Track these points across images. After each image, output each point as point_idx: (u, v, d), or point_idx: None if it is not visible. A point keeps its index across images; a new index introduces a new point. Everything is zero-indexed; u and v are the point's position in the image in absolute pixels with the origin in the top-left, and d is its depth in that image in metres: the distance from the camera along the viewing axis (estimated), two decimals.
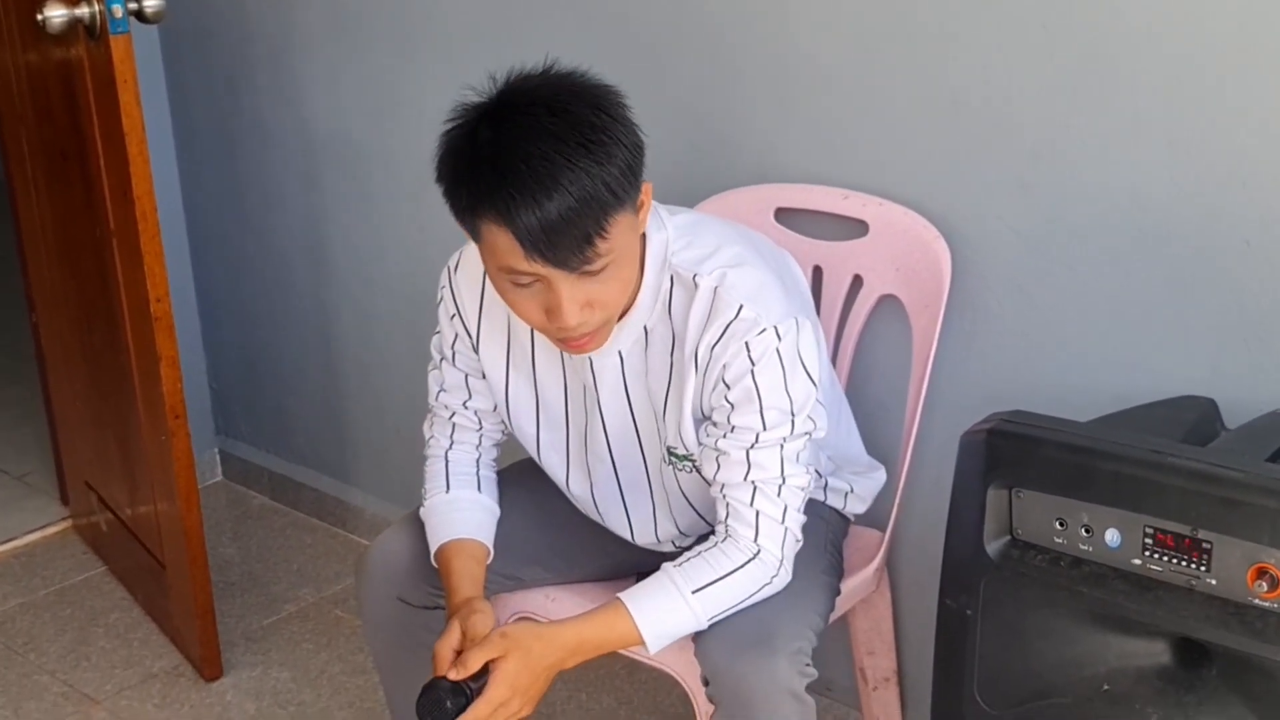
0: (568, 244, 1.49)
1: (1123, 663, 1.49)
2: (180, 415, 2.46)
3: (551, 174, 1.46)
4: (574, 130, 1.48)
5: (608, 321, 1.62)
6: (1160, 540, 1.45)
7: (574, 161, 1.47)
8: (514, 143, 1.48)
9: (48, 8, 2.24)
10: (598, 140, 1.48)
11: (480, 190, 1.50)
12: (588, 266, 1.52)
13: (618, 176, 1.49)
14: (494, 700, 1.58)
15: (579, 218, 1.48)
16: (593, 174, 1.47)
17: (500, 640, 1.61)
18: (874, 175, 2.03)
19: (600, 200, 1.48)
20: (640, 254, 1.65)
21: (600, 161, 1.48)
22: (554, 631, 1.64)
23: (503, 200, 1.48)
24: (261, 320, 3.15)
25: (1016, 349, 1.96)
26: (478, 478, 1.87)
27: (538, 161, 1.46)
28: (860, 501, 1.96)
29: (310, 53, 2.77)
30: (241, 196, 3.05)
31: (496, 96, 1.54)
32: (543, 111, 1.49)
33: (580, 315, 1.56)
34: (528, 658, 1.60)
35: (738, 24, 2.12)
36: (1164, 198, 1.79)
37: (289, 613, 2.85)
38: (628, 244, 1.55)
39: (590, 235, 1.49)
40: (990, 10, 1.87)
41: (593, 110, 1.50)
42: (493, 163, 1.49)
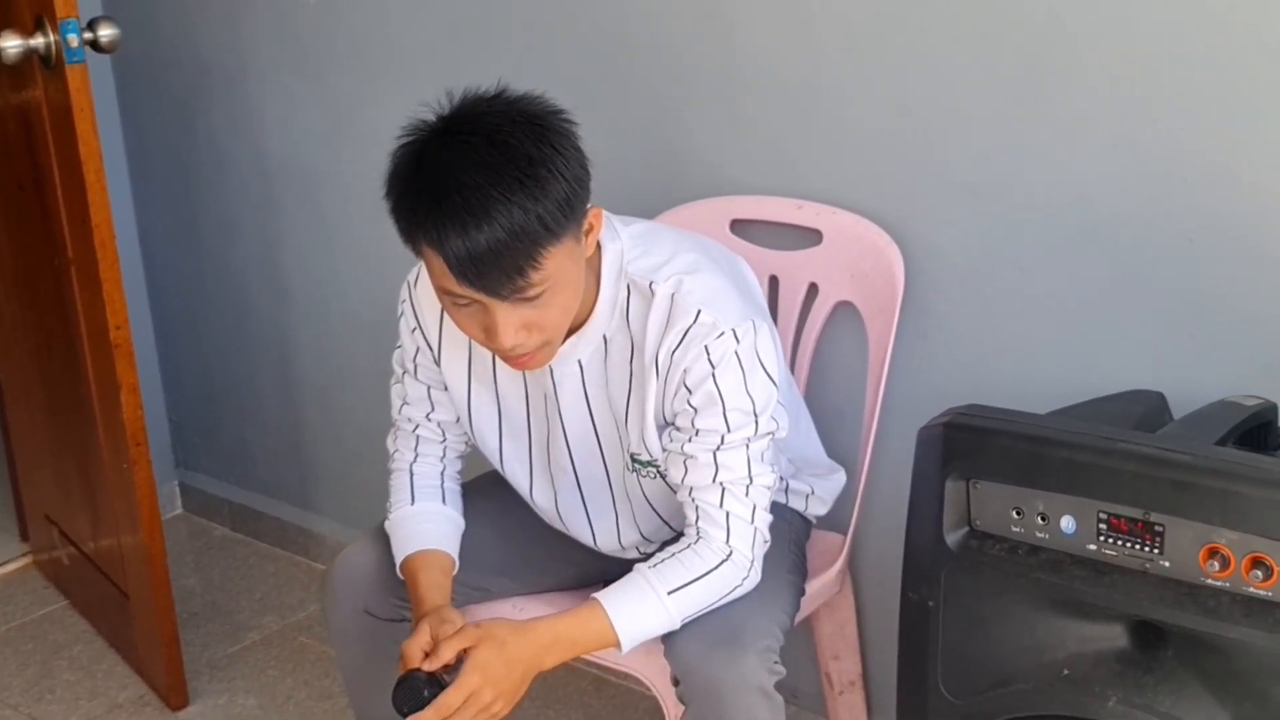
0: (497, 275, 1.53)
1: (1081, 647, 1.52)
2: (141, 443, 2.46)
3: (484, 206, 1.49)
4: (511, 163, 1.51)
5: (549, 342, 1.64)
6: (1114, 525, 1.48)
7: (508, 195, 1.49)
8: (451, 172, 1.51)
9: (2, 38, 2.24)
10: (534, 174, 1.51)
11: (416, 216, 1.54)
12: (520, 295, 1.55)
13: (553, 210, 1.52)
14: (466, 686, 1.59)
15: (509, 250, 1.51)
16: (526, 208, 1.50)
17: (474, 630, 1.63)
18: (826, 185, 2.07)
19: (531, 234, 1.51)
20: (595, 266, 1.67)
21: (535, 196, 1.50)
22: (529, 625, 1.66)
23: (435, 228, 1.52)
24: (219, 349, 3.15)
25: (969, 349, 2.00)
26: (442, 490, 1.89)
27: (470, 192, 1.49)
28: (821, 503, 1.99)
29: (265, 80, 2.79)
30: (197, 225, 3.05)
31: (443, 120, 1.57)
32: (482, 142, 1.52)
33: (516, 337, 1.60)
34: (501, 648, 1.61)
35: (688, 40, 2.16)
36: (1108, 198, 1.84)
37: (253, 640, 2.84)
38: (567, 271, 1.58)
39: (521, 267, 1.52)
40: (935, 19, 1.91)
41: (535, 142, 1.53)
42: (430, 190, 1.52)
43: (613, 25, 2.24)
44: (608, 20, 2.24)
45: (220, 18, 2.81)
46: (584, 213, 1.59)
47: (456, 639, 1.62)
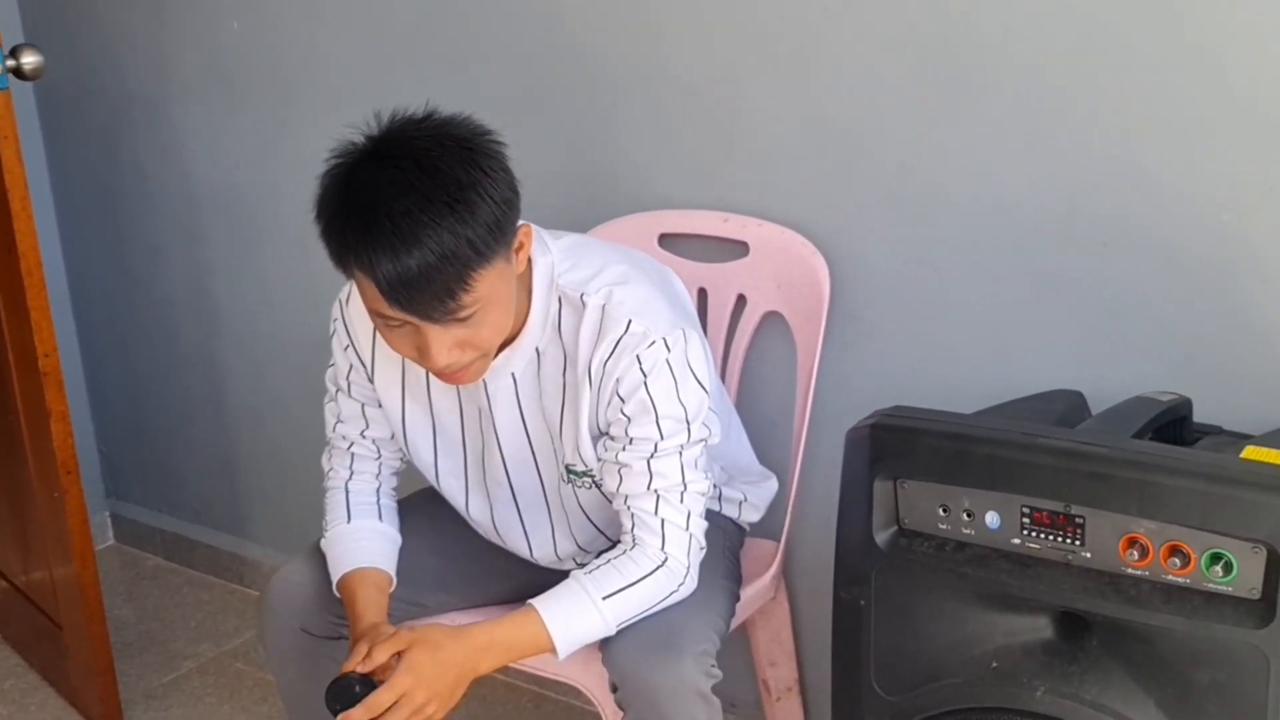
0: (429, 298, 1.55)
1: (1009, 639, 1.55)
2: (72, 471, 2.44)
3: (414, 231, 1.51)
4: (440, 188, 1.52)
5: (483, 357, 1.66)
6: (1037, 519, 1.52)
7: (437, 219, 1.51)
8: (380, 197, 1.52)
9: None
10: (464, 198, 1.53)
11: (347, 241, 1.55)
12: (452, 316, 1.57)
13: (482, 234, 1.54)
14: (398, 687, 1.60)
15: (439, 274, 1.53)
16: (456, 232, 1.52)
17: (408, 634, 1.64)
18: (752, 197, 2.11)
19: (461, 257, 1.53)
20: (527, 280, 1.70)
21: (464, 220, 1.52)
22: (463, 630, 1.67)
23: (366, 254, 1.53)
24: (149, 377, 3.13)
25: (895, 355, 2.04)
26: (378, 507, 1.90)
27: (400, 218, 1.51)
28: (754, 510, 2.01)
29: (190, 105, 2.78)
30: (124, 252, 3.04)
31: (372, 143, 1.58)
32: (411, 166, 1.53)
33: (450, 356, 1.62)
34: (436, 650, 1.62)
35: (616, 57, 2.19)
36: (1025, 203, 1.89)
37: (189, 669, 2.82)
38: (498, 290, 1.60)
39: (452, 290, 1.54)
40: (854, 32, 1.95)
41: (463, 166, 1.54)
42: (360, 215, 1.53)
43: (540, 44, 2.27)
44: (535, 40, 2.27)
45: (144, 44, 2.80)
46: (514, 232, 1.61)
47: (390, 642, 1.64)
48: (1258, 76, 1.68)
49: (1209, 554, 1.42)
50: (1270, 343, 1.74)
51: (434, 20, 2.38)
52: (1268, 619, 1.39)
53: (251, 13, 2.63)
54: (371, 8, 2.46)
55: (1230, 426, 1.74)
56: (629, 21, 2.16)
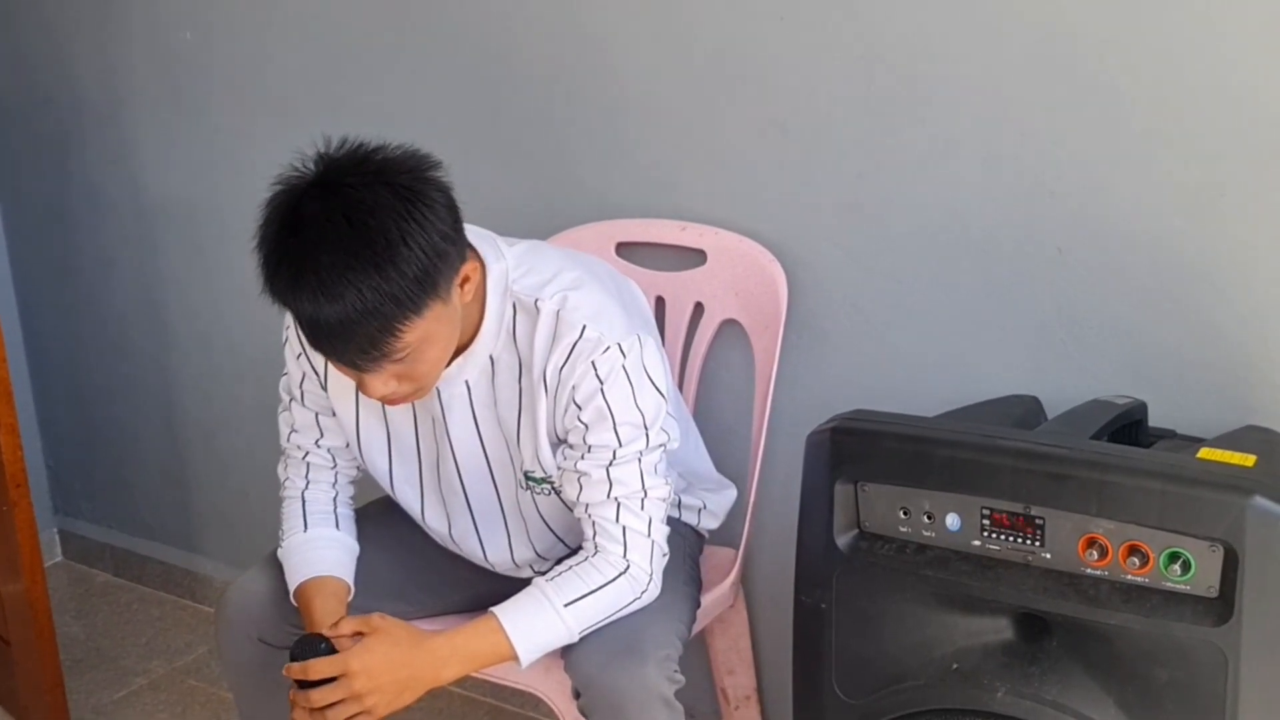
0: (351, 350, 1.56)
1: (970, 641, 1.56)
2: (22, 484, 2.40)
3: (337, 288, 1.51)
4: (367, 245, 1.51)
5: (422, 388, 1.66)
6: (996, 520, 1.53)
7: (360, 278, 1.51)
8: (309, 249, 1.52)
9: None
10: (391, 255, 1.52)
11: (276, 285, 1.56)
12: (379, 363, 1.57)
13: (408, 288, 1.53)
14: (341, 665, 1.62)
15: (360, 328, 1.53)
16: (379, 290, 1.51)
17: (376, 619, 1.66)
18: (709, 206, 2.11)
19: (384, 312, 1.53)
20: (481, 288, 1.69)
21: (388, 276, 1.52)
22: (426, 636, 1.66)
23: (292, 303, 1.55)
24: (99, 391, 3.09)
25: (853, 363, 2.05)
26: (335, 515, 1.88)
27: (326, 272, 1.51)
28: (713, 518, 2.01)
29: (141, 115, 2.76)
30: (74, 265, 3.01)
31: (314, 176, 1.57)
32: (341, 221, 1.52)
33: (386, 388, 1.62)
34: (394, 646, 1.63)
35: (570, 67, 2.19)
36: (980, 210, 1.90)
37: (140, 685, 2.78)
38: (433, 332, 1.59)
39: (376, 340, 1.55)
40: (810, 39, 1.97)
41: (396, 218, 1.53)
42: (289, 263, 1.54)
43: (494, 55, 2.27)
44: (489, 50, 2.27)
45: (94, 53, 2.78)
46: (452, 274, 1.60)
47: (359, 620, 1.65)
48: (1208, 84, 1.70)
49: (1167, 553, 1.44)
50: (1223, 347, 1.76)
51: (388, 32, 2.38)
52: (1225, 617, 1.41)
53: (204, 23, 2.61)
54: (326, 20, 2.45)
55: (1184, 430, 1.76)
56: (585, 31, 2.16)
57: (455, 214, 1.60)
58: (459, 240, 1.60)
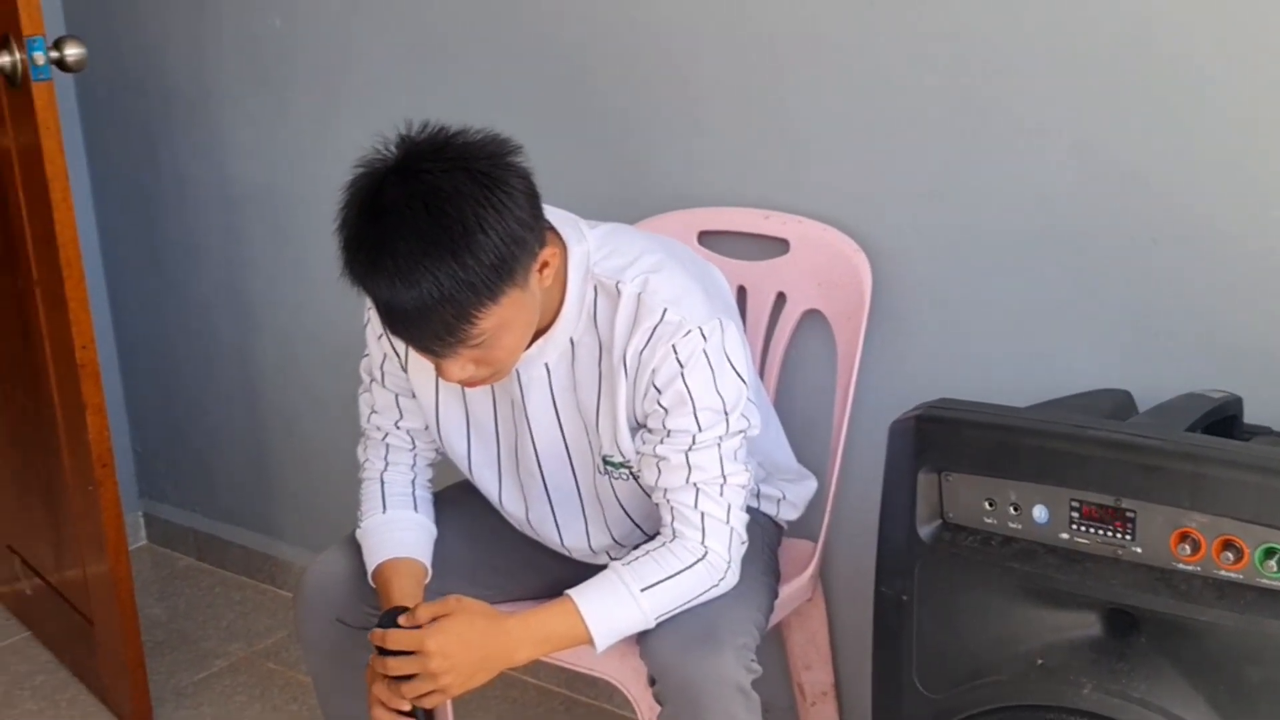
0: (427, 336, 1.57)
1: (1056, 636, 1.52)
2: (108, 464, 2.44)
3: (413, 275, 1.51)
4: (445, 232, 1.51)
5: (499, 372, 1.66)
6: (1086, 512, 1.49)
7: (437, 264, 1.51)
8: (388, 235, 1.53)
9: None
10: (468, 243, 1.52)
11: (354, 269, 1.57)
12: (456, 350, 1.58)
13: (485, 275, 1.53)
14: (417, 642, 1.61)
15: (436, 314, 1.53)
16: (456, 277, 1.51)
17: (453, 601, 1.65)
18: (793, 194, 2.09)
19: (460, 299, 1.53)
20: (562, 270, 1.68)
21: (465, 264, 1.52)
22: (502, 616, 1.66)
23: (370, 288, 1.56)
24: (185, 377, 3.13)
25: (937, 354, 2.02)
26: (414, 498, 1.88)
27: (403, 259, 1.51)
28: (792, 508, 1.99)
29: (229, 104, 2.79)
30: (162, 251, 3.05)
31: (392, 169, 1.56)
32: (419, 208, 1.52)
33: (463, 373, 1.63)
34: (470, 626, 1.63)
35: (652, 54, 2.18)
36: (1070, 200, 1.86)
37: (220, 668, 2.81)
38: (511, 318, 1.59)
39: (452, 327, 1.55)
40: (894, 28, 1.94)
41: (474, 205, 1.53)
42: (368, 249, 1.54)
43: (577, 42, 2.26)
44: (572, 37, 2.26)
45: (185, 42, 2.81)
46: (530, 260, 1.59)
47: (435, 605, 1.65)
48: None
49: (1263, 548, 1.39)
50: None
51: (471, 20, 2.38)
52: None
53: (292, 10, 2.63)
54: (410, 7, 2.46)
55: None
56: (668, 18, 2.15)
57: (534, 200, 1.59)
58: (537, 226, 1.60)
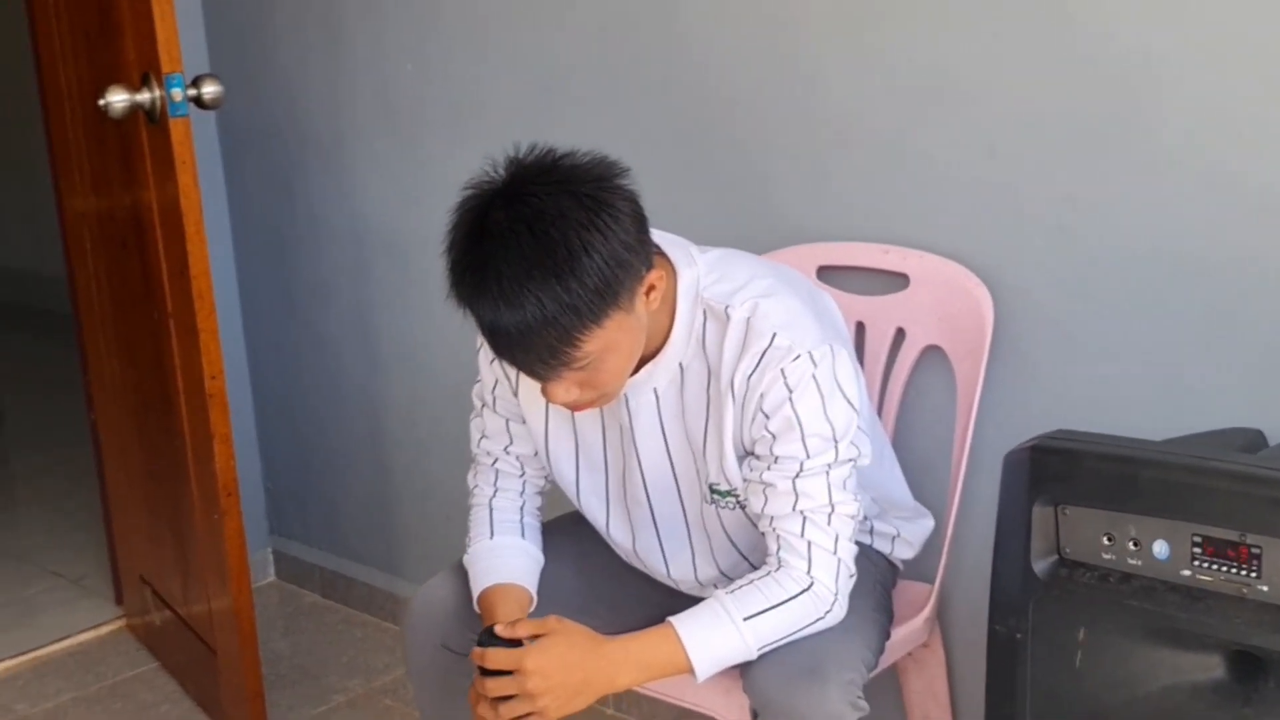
0: (530, 359, 1.57)
1: (1176, 679, 1.46)
2: (233, 493, 2.48)
3: (517, 297, 1.52)
4: (549, 255, 1.52)
5: (605, 395, 1.66)
6: (1209, 549, 1.43)
7: (542, 286, 1.52)
8: (492, 258, 1.54)
9: (110, 93, 2.32)
10: (572, 266, 1.52)
11: (460, 291, 1.59)
12: (560, 372, 1.58)
13: (589, 298, 1.53)
14: (516, 660, 1.60)
15: (538, 337, 1.54)
16: (559, 299, 1.52)
17: (553, 621, 1.64)
18: (914, 228, 2.06)
19: (563, 323, 1.53)
20: (671, 294, 1.68)
21: (568, 287, 1.52)
22: (602, 640, 1.64)
23: (474, 309, 1.57)
24: (314, 415, 3.19)
25: (1060, 391, 1.96)
26: (521, 525, 1.88)
27: (507, 281, 1.53)
28: (908, 546, 1.94)
29: (361, 148, 2.85)
30: (294, 291, 3.11)
31: (499, 193, 1.58)
32: (524, 231, 1.53)
33: (568, 396, 1.63)
34: (570, 648, 1.61)
35: (774, 89, 2.17)
36: (1200, 234, 1.80)
37: (338, 702, 2.83)
38: (616, 341, 1.59)
39: (555, 350, 1.55)
40: (1020, 61, 1.90)
41: (579, 228, 1.53)
42: (473, 271, 1.56)
43: (698, 78, 2.27)
44: (693, 74, 2.27)
45: (321, 86, 2.89)
46: (636, 283, 1.59)
47: (534, 623, 1.64)
48: None
49: None
50: None
51: (595, 63, 2.40)
52: None
53: (424, 55, 2.68)
54: (537, 51, 2.49)
55: None
56: (787, 53, 2.14)
57: (641, 222, 1.59)
58: (643, 249, 1.59)
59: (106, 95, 2.33)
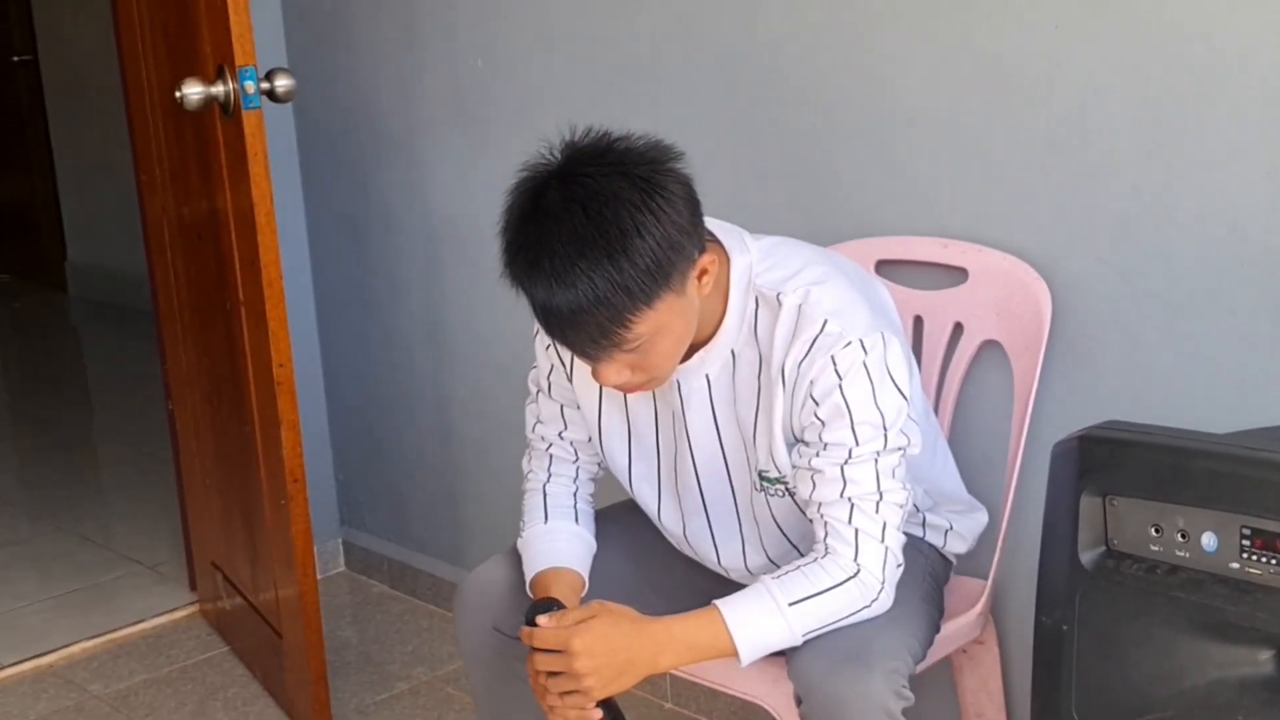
0: (581, 338, 1.58)
1: (1224, 673, 1.44)
2: (299, 479, 2.52)
3: (570, 276, 1.54)
4: (601, 235, 1.54)
5: (656, 379, 1.67)
6: (1258, 542, 1.41)
7: (592, 267, 1.53)
8: (546, 237, 1.56)
9: (185, 85, 2.38)
10: (624, 246, 1.54)
11: (514, 270, 1.61)
12: (611, 354, 1.59)
13: (640, 279, 1.55)
14: (563, 640, 1.61)
15: (590, 317, 1.55)
16: (611, 279, 1.54)
17: (598, 604, 1.66)
18: (973, 223, 2.05)
19: (615, 302, 1.55)
20: (724, 281, 1.69)
21: (620, 267, 1.54)
22: (647, 620, 1.66)
23: (528, 289, 1.59)
24: (384, 407, 3.23)
25: (1120, 387, 1.94)
26: (575, 510, 1.90)
27: (560, 260, 1.54)
28: (961, 540, 1.93)
29: (432, 142, 2.89)
30: (367, 285, 3.16)
31: (554, 173, 1.60)
32: (578, 210, 1.55)
33: (619, 377, 1.64)
34: (615, 626, 1.63)
35: (836, 84, 2.17)
36: (1264, 227, 1.78)
37: (402, 690, 2.87)
38: (667, 324, 1.60)
39: (606, 329, 1.56)
40: (1081, 49, 1.89)
41: (632, 209, 1.55)
42: (527, 251, 1.58)
43: (762, 73, 2.27)
44: (758, 68, 2.28)
45: (394, 81, 2.93)
46: (689, 266, 1.60)
47: (581, 610, 1.66)
48: None
49: None
50: None
51: (663, 50, 2.42)
52: None
53: (494, 51, 2.72)
54: (602, 45, 2.51)
55: None
56: (850, 50, 2.14)
57: (694, 206, 1.60)
58: (696, 233, 1.60)
59: (182, 88, 2.39)
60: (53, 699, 2.90)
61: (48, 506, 4.00)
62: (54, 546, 3.69)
